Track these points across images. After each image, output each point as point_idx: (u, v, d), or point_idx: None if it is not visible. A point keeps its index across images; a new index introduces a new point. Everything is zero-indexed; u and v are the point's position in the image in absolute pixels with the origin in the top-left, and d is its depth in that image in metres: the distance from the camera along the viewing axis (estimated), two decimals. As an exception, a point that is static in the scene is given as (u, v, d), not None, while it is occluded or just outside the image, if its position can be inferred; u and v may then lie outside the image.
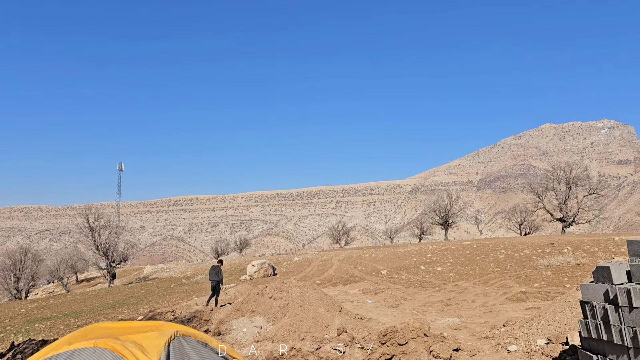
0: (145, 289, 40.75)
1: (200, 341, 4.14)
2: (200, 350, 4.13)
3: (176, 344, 3.91)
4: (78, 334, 3.96)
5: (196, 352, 4.06)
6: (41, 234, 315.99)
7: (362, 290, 24.35)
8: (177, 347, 3.90)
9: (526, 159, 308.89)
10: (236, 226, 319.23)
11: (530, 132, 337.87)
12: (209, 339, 4.26)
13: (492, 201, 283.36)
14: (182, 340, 3.98)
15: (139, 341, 3.72)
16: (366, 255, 46.63)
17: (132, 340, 3.70)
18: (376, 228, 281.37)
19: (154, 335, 3.87)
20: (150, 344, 3.72)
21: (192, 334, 4.13)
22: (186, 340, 3.99)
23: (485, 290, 20.05)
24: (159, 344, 3.73)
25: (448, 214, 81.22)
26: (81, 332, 3.96)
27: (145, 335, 3.86)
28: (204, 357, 3.96)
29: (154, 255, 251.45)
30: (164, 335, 3.90)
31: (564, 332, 8.92)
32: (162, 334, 3.91)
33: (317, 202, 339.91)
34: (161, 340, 3.78)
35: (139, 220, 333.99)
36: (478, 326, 12.74)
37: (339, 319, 13.59)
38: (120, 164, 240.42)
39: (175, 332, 4.02)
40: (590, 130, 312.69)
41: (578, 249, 30.57)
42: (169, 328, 3.99)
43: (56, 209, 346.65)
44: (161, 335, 3.87)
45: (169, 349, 3.81)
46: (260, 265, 38.70)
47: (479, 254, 35.52)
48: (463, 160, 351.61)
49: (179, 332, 4.05)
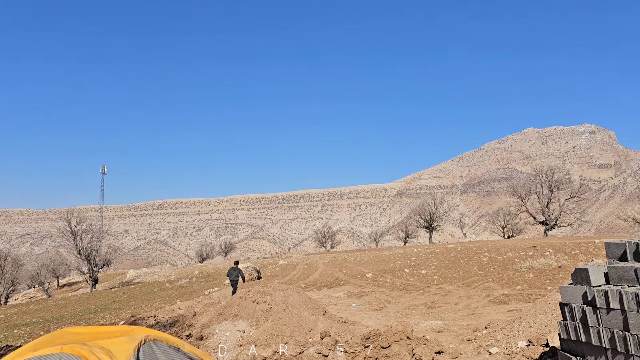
0: (128, 294, 40.30)
1: (172, 346, 4.04)
2: (172, 354, 4.04)
3: (146, 349, 3.83)
4: (45, 340, 3.87)
5: (167, 356, 3.98)
6: (22, 238, 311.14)
7: (346, 294, 24.33)
8: (147, 352, 3.82)
9: (510, 162, 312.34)
10: (221, 230, 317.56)
11: (514, 136, 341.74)
12: (182, 344, 4.17)
13: (476, 204, 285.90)
14: (153, 345, 3.87)
15: (107, 346, 3.64)
16: (351, 259, 46.66)
17: (100, 346, 3.61)
18: (362, 231, 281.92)
19: (123, 340, 3.79)
20: (118, 349, 3.64)
21: (163, 339, 4.04)
22: (157, 345, 3.89)
23: (469, 292, 20.17)
24: (128, 349, 3.65)
25: (433, 218, 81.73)
26: (48, 338, 3.88)
27: (114, 341, 3.78)
28: None
29: (137, 260, 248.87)
30: (134, 340, 3.81)
31: (545, 334, 8.99)
32: (132, 339, 3.83)
33: (303, 205, 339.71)
34: (130, 345, 3.70)
35: (122, 224, 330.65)
36: (461, 329, 12.80)
37: (323, 323, 13.56)
38: (104, 167, 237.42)
39: (145, 336, 3.93)
40: (572, 135, 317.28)
41: (560, 252, 30.92)
42: (139, 333, 3.90)
43: (37, 212, 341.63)
44: (130, 340, 3.79)
45: (139, 354, 3.72)
46: (244, 269, 38.51)
47: (463, 257, 35.75)
48: (448, 164, 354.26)
49: (149, 337, 3.96)
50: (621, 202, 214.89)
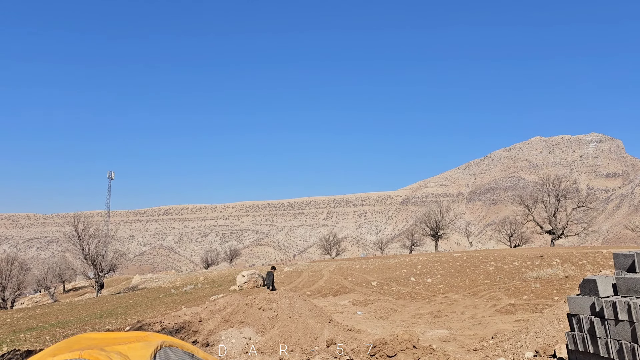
0: (134, 299, 40.37)
1: (187, 352, 4.11)
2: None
3: (162, 355, 3.88)
4: (63, 345, 3.93)
5: None
6: (29, 242, 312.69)
7: (352, 302, 24.29)
8: (163, 357, 3.87)
9: (516, 171, 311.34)
10: (227, 236, 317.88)
11: (521, 145, 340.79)
12: (196, 350, 4.23)
13: (483, 213, 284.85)
14: (169, 351, 3.94)
15: (125, 352, 3.69)
16: (357, 266, 46.57)
17: (118, 351, 3.67)
18: (367, 239, 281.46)
19: (139, 346, 3.84)
20: (136, 354, 3.69)
21: (178, 345, 4.11)
22: (172, 351, 3.95)
23: (475, 302, 20.08)
24: (145, 354, 3.70)
25: (438, 226, 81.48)
26: (66, 343, 3.96)
27: (131, 346, 3.83)
28: None
29: (143, 265, 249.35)
30: (150, 345, 3.87)
31: (552, 345, 8.95)
32: (148, 345, 3.88)
33: (308, 212, 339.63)
34: (147, 351, 3.75)
35: (128, 230, 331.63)
36: (467, 338, 12.75)
37: (328, 331, 13.55)
38: (111, 173, 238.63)
39: (161, 342, 3.99)
40: (579, 144, 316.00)
41: (567, 262, 30.75)
42: (155, 339, 3.97)
43: (44, 217, 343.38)
44: (147, 346, 3.85)
45: (155, 359, 3.77)
46: (250, 276, 38.52)
47: (469, 265, 35.62)
48: (454, 172, 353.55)
49: (165, 343, 4.02)
50: (629, 211, 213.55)
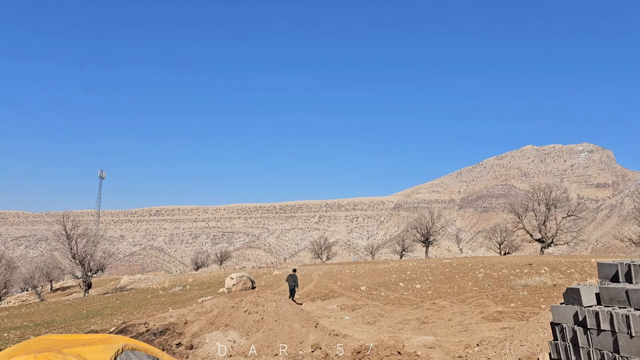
0: (121, 300, 40.04)
1: (151, 356, 4.00)
2: None
3: (124, 358, 3.77)
4: (20, 347, 3.80)
5: None
6: (17, 240, 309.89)
7: (340, 306, 24.20)
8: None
9: (508, 179, 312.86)
10: (217, 238, 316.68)
11: (512, 153, 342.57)
12: (161, 354, 4.12)
13: (474, 220, 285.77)
14: (131, 355, 3.85)
15: (84, 354, 3.58)
16: (346, 271, 46.46)
17: (76, 353, 3.56)
18: (358, 244, 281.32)
19: (100, 349, 3.73)
20: (95, 357, 3.59)
21: (142, 348, 3.99)
22: (135, 355, 3.85)
23: (462, 309, 20.06)
24: (105, 357, 3.60)
25: (429, 232, 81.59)
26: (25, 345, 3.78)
27: (90, 349, 3.71)
28: None
29: (132, 265, 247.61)
30: (111, 348, 3.76)
31: (536, 353, 8.92)
32: (109, 347, 3.77)
33: (300, 216, 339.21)
34: (107, 354, 3.65)
35: (118, 229, 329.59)
36: (452, 345, 12.71)
37: (314, 335, 13.46)
38: (102, 172, 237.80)
39: (123, 345, 3.87)
40: (570, 153, 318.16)
41: (555, 270, 30.85)
42: (118, 341, 3.86)
43: (34, 215, 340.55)
44: (108, 349, 3.74)
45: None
46: (239, 278, 38.34)
47: (458, 272, 35.64)
48: (446, 178, 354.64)
49: (127, 346, 3.91)
50: (618, 222, 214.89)
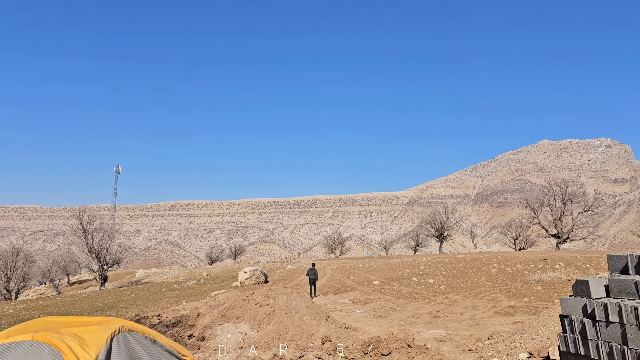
0: (136, 293, 40.51)
1: (149, 337, 4.10)
2: (147, 345, 4.07)
3: (120, 339, 3.86)
4: (19, 327, 3.92)
5: (143, 347, 4.01)
6: (35, 234, 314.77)
7: (352, 300, 24.24)
8: (121, 341, 3.85)
9: (523, 174, 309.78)
10: (232, 233, 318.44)
11: (528, 148, 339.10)
12: (159, 336, 4.19)
13: (489, 215, 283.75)
14: (128, 336, 3.95)
15: (80, 334, 3.67)
16: (360, 266, 46.50)
17: (73, 333, 3.65)
18: (372, 239, 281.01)
19: (97, 329, 3.82)
20: (91, 337, 3.67)
21: (139, 330, 4.06)
22: (132, 336, 3.96)
23: (475, 303, 19.98)
24: (101, 337, 3.69)
25: (443, 227, 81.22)
26: (23, 325, 3.95)
27: (87, 329, 3.81)
28: (151, 353, 3.90)
29: (148, 260, 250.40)
30: (108, 329, 3.85)
31: (546, 347, 8.86)
32: (106, 329, 3.86)
33: (314, 211, 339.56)
34: (103, 335, 3.73)
35: (134, 224, 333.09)
36: (463, 339, 12.67)
37: (325, 328, 13.51)
38: (117, 167, 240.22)
39: (120, 326, 3.97)
40: (587, 148, 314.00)
41: (570, 265, 30.57)
42: (115, 323, 3.93)
43: (51, 209, 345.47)
44: (104, 330, 3.83)
45: (112, 343, 3.75)
46: (252, 272, 38.56)
47: (472, 267, 35.47)
48: (461, 173, 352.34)
49: (124, 327, 4.00)
50: (636, 217, 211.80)
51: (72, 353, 3.40)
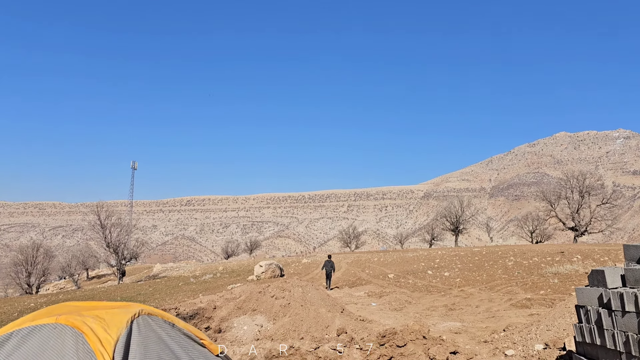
0: (154, 287, 41.01)
1: (167, 321, 4.24)
2: (166, 328, 4.18)
3: (140, 322, 3.96)
4: (44, 311, 4.04)
5: (163, 329, 4.12)
6: (54, 230, 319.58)
7: (367, 293, 24.29)
8: (141, 324, 3.96)
9: (540, 167, 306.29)
10: (247, 227, 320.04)
11: (545, 140, 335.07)
12: (176, 320, 4.30)
13: (505, 209, 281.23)
14: (148, 319, 4.06)
15: (102, 316, 3.79)
16: (375, 259, 46.53)
17: (95, 315, 3.78)
18: (387, 233, 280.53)
19: (117, 312, 3.94)
20: (112, 319, 3.79)
21: (158, 314, 4.18)
22: (152, 319, 4.08)
23: (491, 296, 19.90)
24: (121, 320, 3.80)
25: (459, 220, 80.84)
26: (48, 309, 4.07)
27: (108, 312, 3.94)
28: (171, 335, 4.02)
29: (165, 254, 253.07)
30: (128, 312, 3.96)
31: (562, 338, 8.83)
32: (127, 312, 3.98)
33: (329, 205, 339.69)
34: (124, 317, 3.84)
35: (151, 219, 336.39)
36: (479, 330, 12.66)
37: (340, 320, 13.58)
38: (134, 163, 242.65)
39: (140, 310, 4.09)
40: (605, 140, 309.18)
41: (588, 258, 30.26)
42: (135, 307, 4.06)
43: (70, 205, 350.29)
44: (125, 313, 3.94)
45: (132, 325, 3.87)
46: (267, 266, 38.77)
47: (488, 260, 35.29)
48: (476, 167, 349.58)
49: (144, 311, 4.11)
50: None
51: (94, 334, 3.51)
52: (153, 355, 3.64)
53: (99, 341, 3.50)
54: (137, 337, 3.78)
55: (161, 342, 3.93)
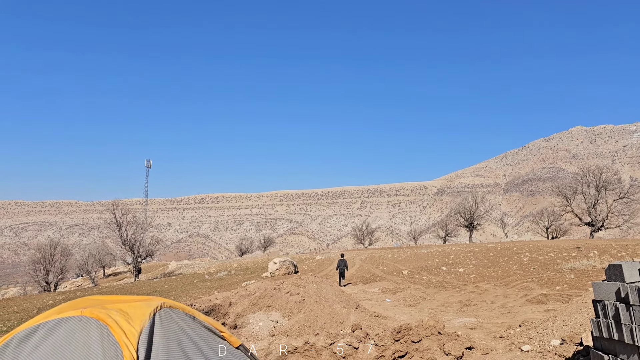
0: (169, 284, 41.39)
1: (188, 314, 4.37)
2: (187, 321, 4.30)
3: (162, 314, 4.09)
4: (69, 304, 4.19)
5: (184, 322, 4.24)
6: (71, 228, 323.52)
7: (381, 290, 24.29)
8: (163, 316, 4.08)
9: (555, 161, 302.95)
10: (261, 225, 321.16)
11: (560, 135, 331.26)
12: (197, 313, 4.43)
13: (520, 204, 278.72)
14: (170, 312, 4.19)
15: (125, 309, 3.93)
16: (388, 256, 46.46)
17: (118, 308, 3.91)
18: (401, 229, 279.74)
19: (140, 305, 4.07)
20: (135, 312, 3.92)
21: (180, 307, 4.33)
22: (173, 312, 4.23)
23: (506, 292, 19.80)
24: (144, 313, 3.92)
25: (473, 216, 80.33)
26: (72, 303, 4.23)
27: (131, 305, 4.08)
28: (192, 328, 4.16)
29: (180, 252, 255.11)
30: (150, 305, 4.09)
31: (579, 333, 8.78)
32: (149, 305, 4.11)
33: (342, 202, 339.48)
34: (146, 310, 3.97)
35: (165, 217, 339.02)
36: (494, 326, 12.61)
37: (355, 316, 13.62)
38: (148, 161, 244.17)
39: (162, 303, 4.21)
40: (622, 134, 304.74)
41: (605, 253, 29.91)
42: (157, 301, 4.20)
43: (86, 204, 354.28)
44: (147, 306, 4.07)
45: (154, 318, 3.99)
46: (281, 263, 38.95)
47: (503, 256, 35.06)
48: (490, 162, 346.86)
49: (165, 304, 4.24)
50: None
51: (118, 327, 3.63)
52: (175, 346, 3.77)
53: (123, 333, 3.63)
54: (159, 329, 3.91)
55: (183, 334, 4.06)
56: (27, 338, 3.74)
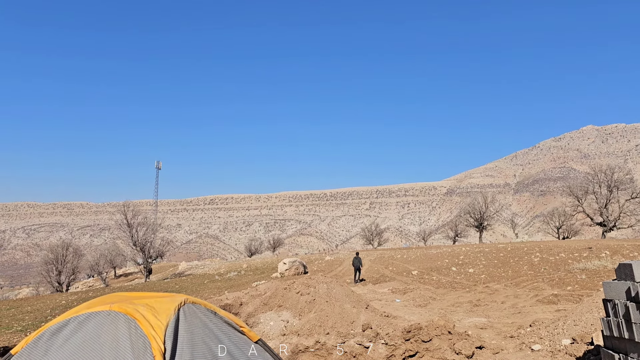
0: (180, 285, 41.67)
1: (210, 309, 4.62)
2: (209, 316, 4.52)
3: (186, 309, 4.33)
4: (98, 300, 4.44)
5: (207, 317, 4.46)
6: (83, 229, 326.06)
7: (391, 290, 24.33)
8: (187, 311, 4.31)
9: (566, 161, 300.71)
10: (270, 225, 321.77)
11: (571, 134, 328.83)
12: (218, 310, 4.69)
13: (530, 204, 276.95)
14: (193, 307, 4.43)
15: (151, 304, 4.17)
16: (398, 256, 46.45)
17: (145, 303, 4.15)
18: (410, 230, 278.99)
19: (165, 301, 4.32)
20: (161, 307, 4.15)
21: (202, 303, 4.60)
22: (196, 307, 4.46)
23: (516, 292, 19.77)
24: (169, 307, 4.16)
25: (483, 217, 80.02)
26: (101, 299, 4.47)
27: (157, 300, 4.33)
28: (214, 322, 4.44)
29: (189, 253, 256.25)
30: (175, 301, 4.33)
31: (590, 332, 8.80)
32: (174, 300, 4.35)
33: (351, 202, 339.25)
34: (171, 305, 4.21)
35: (175, 218, 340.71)
36: (505, 326, 12.63)
37: (365, 316, 13.69)
38: (158, 163, 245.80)
39: (185, 299, 4.46)
40: (634, 133, 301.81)
41: (617, 254, 29.72)
42: (180, 297, 4.47)
43: (97, 205, 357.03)
44: (172, 302, 4.30)
45: (179, 312, 4.22)
46: (291, 264, 39.09)
47: (513, 256, 34.95)
48: (500, 162, 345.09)
49: (188, 300, 4.48)
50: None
51: (145, 320, 3.86)
52: (199, 339, 3.99)
53: (151, 326, 3.85)
54: (184, 323, 4.13)
55: (206, 328, 4.28)
56: (58, 331, 3.96)
